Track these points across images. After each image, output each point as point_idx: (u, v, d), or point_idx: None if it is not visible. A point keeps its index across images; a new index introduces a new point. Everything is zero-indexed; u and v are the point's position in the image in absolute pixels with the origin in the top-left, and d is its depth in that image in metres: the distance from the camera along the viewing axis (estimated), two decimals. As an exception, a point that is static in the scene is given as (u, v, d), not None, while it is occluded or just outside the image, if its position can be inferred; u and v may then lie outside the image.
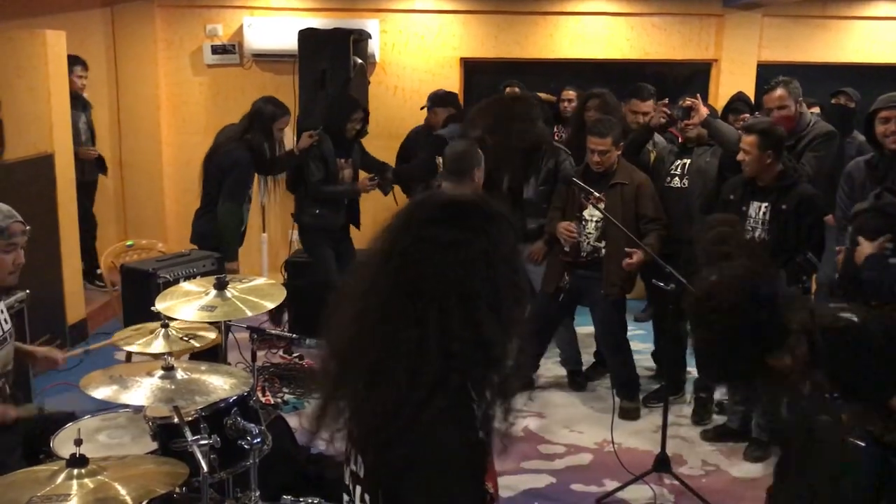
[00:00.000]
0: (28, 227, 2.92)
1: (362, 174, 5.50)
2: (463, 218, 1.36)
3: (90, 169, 6.54)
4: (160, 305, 3.16)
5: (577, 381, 5.16)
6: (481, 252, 1.33)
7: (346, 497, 1.53)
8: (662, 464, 3.92)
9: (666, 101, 4.94)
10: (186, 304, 3.18)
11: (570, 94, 6.26)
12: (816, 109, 5.61)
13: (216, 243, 4.89)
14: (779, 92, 4.42)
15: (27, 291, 4.27)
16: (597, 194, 4.26)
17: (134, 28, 7.17)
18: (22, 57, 5.41)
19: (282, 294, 3.33)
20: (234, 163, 4.87)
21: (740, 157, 4.02)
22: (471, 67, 7.39)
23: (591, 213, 4.52)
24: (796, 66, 7.32)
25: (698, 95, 4.62)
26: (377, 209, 5.95)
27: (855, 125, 5.38)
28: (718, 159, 4.54)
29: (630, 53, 7.23)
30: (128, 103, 7.27)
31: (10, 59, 5.34)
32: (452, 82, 7.15)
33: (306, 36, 5.66)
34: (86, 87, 6.50)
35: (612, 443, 4.07)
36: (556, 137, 5.73)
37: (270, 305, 3.27)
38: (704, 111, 4.49)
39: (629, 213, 4.48)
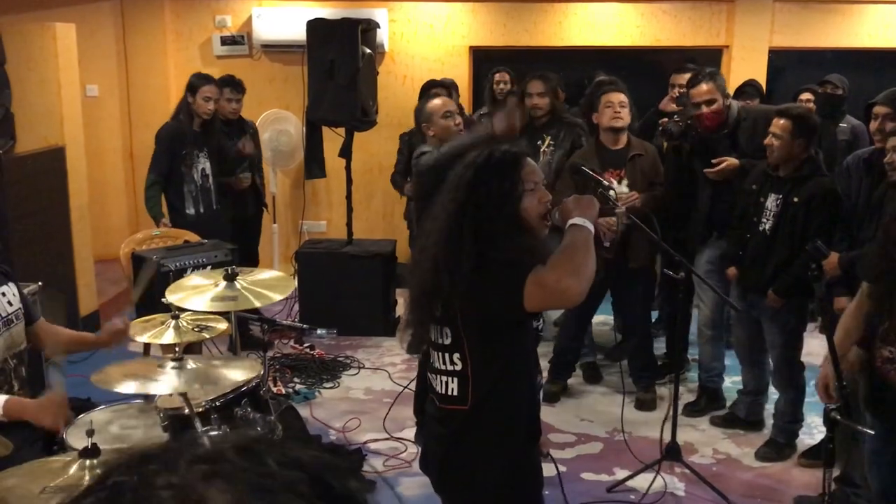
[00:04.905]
0: None
1: None
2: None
3: (246, 201, 5.67)
4: (171, 297, 3.18)
5: (591, 372, 5.15)
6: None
7: (431, 375, 2.25)
8: (673, 452, 3.91)
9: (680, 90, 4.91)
10: (197, 295, 3.20)
11: (505, 76, 6.22)
12: (807, 95, 5.57)
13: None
14: (705, 86, 4.21)
15: (39, 283, 4.30)
16: (606, 182, 4.22)
17: (143, 20, 7.18)
18: (32, 50, 5.43)
19: (290, 286, 3.36)
20: (155, 137, 5.31)
21: (768, 141, 3.84)
22: (480, 56, 7.37)
23: (621, 189, 4.44)
24: (809, 51, 7.27)
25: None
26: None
27: (846, 111, 5.46)
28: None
29: (640, 40, 7.18)
30: (138, 95, 7.29)
31: (20, 52, 5.36)
32: (462, 71, 7.13)
33: (315, 26, 5.64)
34: (237, 110, 5.60)
35: (623, 431, 4.07)
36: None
37: (279, 297, 3.29)
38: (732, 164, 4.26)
39: (647, 184, 4.47)
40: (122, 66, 7.24)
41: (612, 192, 4.07)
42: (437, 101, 4.15)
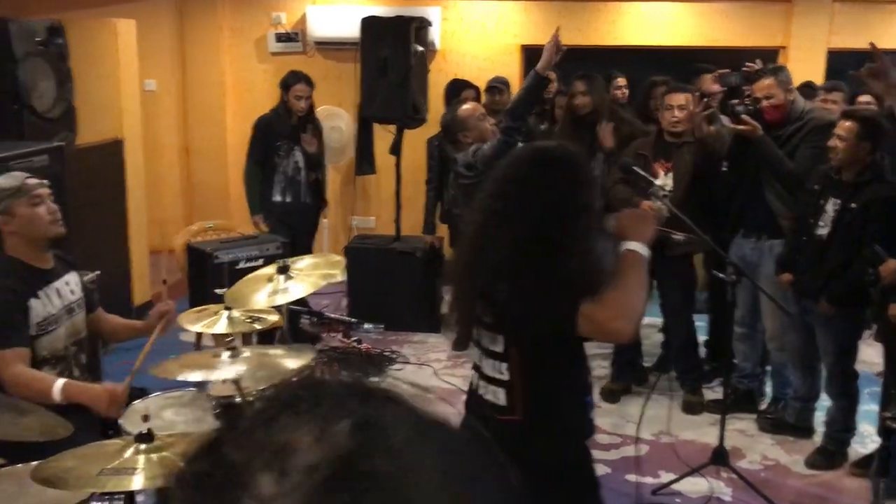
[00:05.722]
0: (45, 181, 2.91)
1: None
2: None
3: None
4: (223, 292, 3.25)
5: (637, 373, 5.10)
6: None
7: (481, 382, 2.21)
8: (720, 457, 3.86)
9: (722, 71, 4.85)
10: (254, 292, 3.27)
11: (622, 80, 6.16)
12: (867, 97, 5.41)
13: None
14: (766, 81, 4.18)
15: (97, 272, 4.41)
16: (658, 183, 4.16)
17: (200, 16, 7.32)
18: (94, 45, 5.57)
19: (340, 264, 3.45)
20: (252, 125, 5.55)
21: (832, 143, 3.74)
22: (531, 55, 7.34)
23: (666, 182, 4.39)
24: (869, 53, 7.08)
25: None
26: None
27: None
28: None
29: (694, 40, 7.09)
30: (194, 91, 7.43)
31: (82, 47, 5.50)
32: (512, 70, 7.12)
33: (368, 23, 5.70)
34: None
35: (669, 433, 4.03)
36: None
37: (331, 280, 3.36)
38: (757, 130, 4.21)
39: (690, 174, 4.37)
40: (179, 62, 7.38)
41: (658, 189, 4.05)
42: (467, 107, 4.04)
